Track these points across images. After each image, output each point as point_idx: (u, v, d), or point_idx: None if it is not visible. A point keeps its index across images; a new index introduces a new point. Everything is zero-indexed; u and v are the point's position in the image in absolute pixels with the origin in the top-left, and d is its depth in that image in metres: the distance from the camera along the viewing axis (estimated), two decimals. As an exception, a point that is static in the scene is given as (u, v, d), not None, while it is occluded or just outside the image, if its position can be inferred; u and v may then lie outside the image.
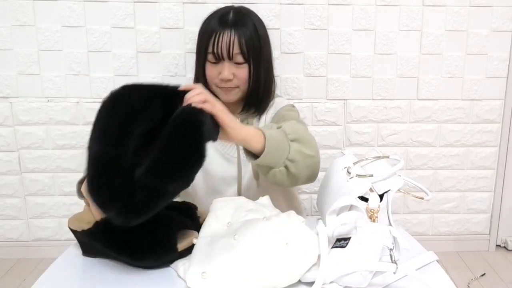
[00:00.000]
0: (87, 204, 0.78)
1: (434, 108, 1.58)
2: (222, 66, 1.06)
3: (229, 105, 1.11)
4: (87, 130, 1.64)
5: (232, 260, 0.66)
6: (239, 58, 1.06)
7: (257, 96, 1.12)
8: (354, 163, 0.80)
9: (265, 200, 0.92)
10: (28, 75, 1.50)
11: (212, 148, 1.12)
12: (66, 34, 1.46)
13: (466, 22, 1.52)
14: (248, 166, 1.12)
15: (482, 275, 1.53)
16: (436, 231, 1.71)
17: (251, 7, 1.21)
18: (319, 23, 1.49)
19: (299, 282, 0.68)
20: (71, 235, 0.77)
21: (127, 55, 1.49)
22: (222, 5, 1.44)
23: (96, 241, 0.73)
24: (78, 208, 1.70)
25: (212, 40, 1.05)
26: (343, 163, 0.82)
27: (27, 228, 1.63)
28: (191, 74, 1.51)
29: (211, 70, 1.09)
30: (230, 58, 1.06)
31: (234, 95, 1.10)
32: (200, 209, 0.85)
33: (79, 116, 1.53)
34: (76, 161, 1.57)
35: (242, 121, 1.14)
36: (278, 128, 0.88)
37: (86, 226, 0.74)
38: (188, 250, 0.73)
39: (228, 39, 1.05)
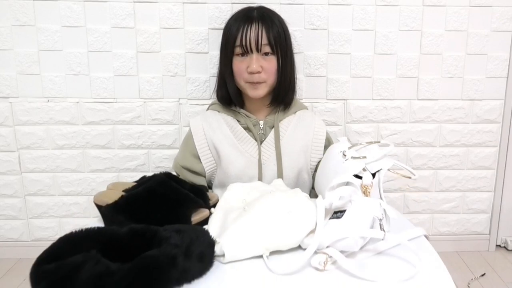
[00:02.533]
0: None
1: (434, 108, 1.58)
2: (250, 59, 1.09)
3: (257, 100, 1.16)
4: (87, 130, 1.65)
5: (241, 227, 0.76)
6: (267, 49, 1.10)
7: (284, 89, 1.16)
8: (349, 148, 0.89)
9: (279, 181, 1.05)
10: (28, 75, 1.50)
11: (232, 146, 1.13)
12: (66, 34, 1.46)
13: (466, 22, 1.51)
14: (270, 167, 1.14)
15: (482, 275, 1.53)
16: (436, 231, 1.71)
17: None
18: (319, 23, 1.49)
19: (300, 247, 0.77)
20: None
21: (127, 55, 1.49)
22: (222, 5, 1.45)
23: (118, 214, 0.81)
24: (78, 207, 1.72)
25: (240, 33, 1.09)
26: (339, 148, 0.90)
27: (27, 228, 1.63)
28: (190, 74, 1.51)
29: (239, 65, 1.11)
30: (258, 49, 1.09)
31: (262, 90, 1.12)
32: (210, 193, 0.96)
33: (79, 116, 1.53)
34: (76, 161, 1.57)
35: (269, 113, 1.19)
36: None
37: (110, 201, 0.83)
38: (201, 224, 0.84)
39: (256, 31, 1.08)
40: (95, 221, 0.88)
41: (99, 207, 0.87)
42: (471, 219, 1.71)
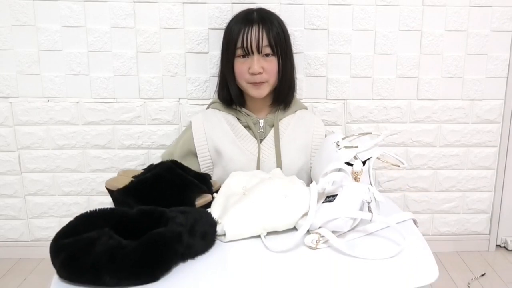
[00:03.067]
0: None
1: (434, 108, 1.58)
2: (251, 61, 1.12)
3: (258, 100, 1.19)
4: (87, 130, 1.64)
5: (241, 209, 0.82)
6: (268, 50, 1.13)
7: (284, 89, 1.19)
8: (343, 138, 0.95)
9: (277, 170, 1.10)
10: (28, 75, 1.50)
11: (232, 144, 1.16)
12: (66, 34, 1.46)
13: (466, 22, 1.51)
14: (269, 165, 1.16)
15: (482, 275, 1.53)
16: (436, 231, 1.71)
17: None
18: (319, 23, 1.49)
19: (295, 228, 0.83)
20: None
21: (127, 55, 1.49)
22: (222, 5, 1.45)
23: (128, 197, 0.86)
24: (78, 207, 1.72)
25: (241, 35, 1.11)
26: (333, 139, 0.96)
27: (27, 228, 1.63)
28: (190, 74, 1.51)
29: (240, 66, 1.14)
30: (259, 51, 1.12)
31: (265, 90, 1.16)
32: (213, 180, 1.03)
33: (79, 116, 1.53)
34: (76, 161, 1.57)
35: (269, 113, 1.22)
36: None
37: (120, 186, 0.89)
38: (204, 208, 0.89)
39: (256, 33, 1.11)
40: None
41: (110, 191, 0.92)
42: (471, 219, 1.71)
